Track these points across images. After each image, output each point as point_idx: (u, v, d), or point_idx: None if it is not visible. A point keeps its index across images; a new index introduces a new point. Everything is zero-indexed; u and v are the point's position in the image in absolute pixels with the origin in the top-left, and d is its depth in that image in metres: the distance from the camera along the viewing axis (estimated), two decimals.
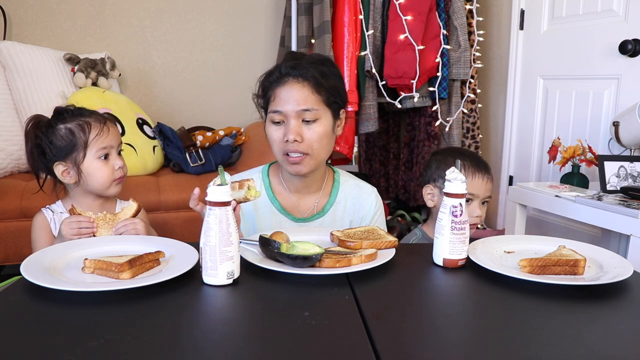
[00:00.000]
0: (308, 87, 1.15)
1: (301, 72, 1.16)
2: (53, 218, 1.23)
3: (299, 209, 1.27)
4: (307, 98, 1.15)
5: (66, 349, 0.61)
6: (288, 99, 1.15)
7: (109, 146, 1.21)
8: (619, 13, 2.04)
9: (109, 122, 1.24)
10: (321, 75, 1.17)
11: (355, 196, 1.31)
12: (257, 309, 0.77)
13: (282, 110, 1.15)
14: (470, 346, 0.66)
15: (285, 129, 1.16)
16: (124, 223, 1.12)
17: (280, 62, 1.22)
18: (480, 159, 1.39)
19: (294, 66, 1.17)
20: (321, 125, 1.17)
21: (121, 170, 1.23)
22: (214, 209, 0.81)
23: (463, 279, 0.90)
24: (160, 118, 2.74)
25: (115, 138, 1.23)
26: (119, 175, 1.23)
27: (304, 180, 1.25)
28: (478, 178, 1.33)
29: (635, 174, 1.77)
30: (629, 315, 0.78)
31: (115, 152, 1.23)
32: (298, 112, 1.15)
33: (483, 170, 1.35)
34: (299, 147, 1.15)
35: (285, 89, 1.16)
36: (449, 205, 0.93)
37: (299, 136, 1.14)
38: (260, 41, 3.00)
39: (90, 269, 0.85)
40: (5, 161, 2.12)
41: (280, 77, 1.17)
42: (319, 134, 1.16)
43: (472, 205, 1.32)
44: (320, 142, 1.17)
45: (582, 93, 2.23)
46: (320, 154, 1.19)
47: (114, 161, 1.22)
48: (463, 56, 2.35)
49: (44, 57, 2.26)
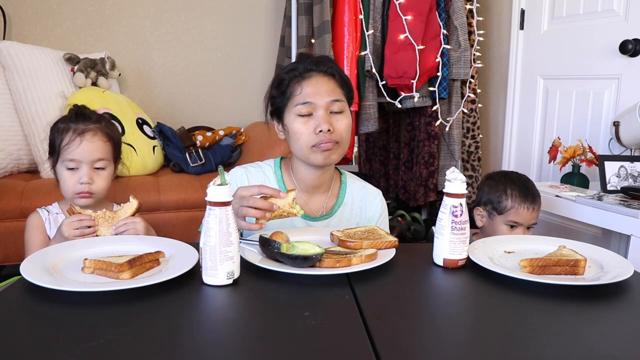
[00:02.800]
0: (334, 80, 1.20)
1: (325, 68, 1.20)
2: (48, 218, 1.23)
3: (309, 208, 1.27)
4: (334, 90, 1.19)
5: (66, 349, 0.61)
6: (317, 91, 1.17)
7: (77, 159, 1.18)
8: (619, 13, 2.04)
9: (90, 136, 1.18)
10: (341, 72, 1.23)
11: (362, 198, 1.31)
12: (257, 309, 0.77)
13: (312, 101, 1.16)
14: (470, 346, 0.66)
15: (314, 121, 1.16)
16: (124, 222, 1.12)
17: (295, 62, 1.23)
18: (529, 188, 1.46)
19: (317, 62, 1.20)
20: (347, 117, 1.20)
21: (87, 186, 1.18)
22: (214, 209, 0.81)
23: (463, 279, 0.90)
24: (160, 118, 2.74)
25: (90, 153, 1.18)
26: (80, 190, 1.19)
27: (316, 179, 1.25)
28: (524, 209, 1.42)
29: (636, 174, 1.77)
30: (629, 315, 0.78)
31: (88, 166, 1.19)
32: (328, 103, 1.17)
33: (530, 201, 1.43)
34: (332, 137, 1.16)
35: (312, 82, 1.18)
36: (449, 205, 0.92)
37: (330, 126, 1.16)
38: (260, 41, 3.00)
39: (90, 269, 0.85)
40: (5, 161, 2.12)
41: (304, 72, 1.19)
42: (346, 125, 1.19)
43: (516, 231, 1.43)
44: (347, 133, 1.20)
45: (583, 93, 2.23)
46: (347, 146, 1.22)
47: (80, 175, 1.18)
48: (463, 56, 2.35)
49: (44, 57, 2.26)
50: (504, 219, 1.45)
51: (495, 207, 1.46)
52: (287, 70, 1.21)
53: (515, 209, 1.43)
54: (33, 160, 2.21)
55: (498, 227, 1.46)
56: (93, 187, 1.19)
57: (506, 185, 1.46)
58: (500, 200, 1.45)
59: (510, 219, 1.44)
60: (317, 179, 1.25)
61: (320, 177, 1.25)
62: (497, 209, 1.46)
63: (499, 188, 1.47)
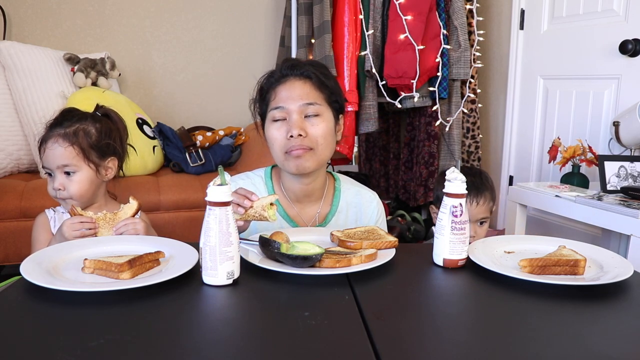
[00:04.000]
0: (310, 83, 1.15)
1: (301, 71, 1.16)
2: (54, 217, 1.25)
3: (301, 219, 1.23)
4: (309, 93, 1.14)
5: (66, 349, 0.61)
6: (290, 95, 1.14)
7: (46, 167, 1.19)
8: (619, 13, 2.04)
9: (51, 143, 1.17)
10: (322, 75, 1.17)
11: (357, 204, 1.27)
12: (257, 309, 0.77)
13: (284, 106, 1.13)
14: (470, 346, 0.66)
15: (287, 126, 1.13)
16: (124, 222, 1.12)
17: (276, 67, 1.21)
18: (475, 182, 1.40)
19: (292, 66, 1.16)
20: (324, 121, 1.15)
21: (59, 192, 1.18)
22: (214, 209, 0.81)
23: (463, 279, 0.90)
24: (160, 118, 2.74)
25: (53, 160, 1.17)
26: (56, 196, 1.19)
27: (305, 187, 1.20)
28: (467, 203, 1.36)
29: (636, 174, 1.77)
30: (629, 315, 0.78)
31: (58, 173, 1.18)
32: (301, 107, 1.13)
33: (473, 195, 1.38)
34: (304, 142, 1.12)
35: (286, 86, 1.15)
36: (449, 205, 0.92)
37: (302, 130, 1.11)
38: (260, 41, 3.00)
39: (90, 269, 0.85)
40: (5, 161, 2.12)
41: (280, 77, 1.16)
42: (322, 129, 1.14)
43: None
44: (324, 138, 1.14)
45: (582, 93, 2.23)
46: (324, 152, 1.16)
47: (54, 181, 1.19)
48: (463, 56, 2.35)
49: (44, 57, 2.26)
50: None
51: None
52: (266, 76, 1.20)
53: None
54: (33, 160, 2.21)
55: None
56: (66, 193, 1.19)
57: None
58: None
59: None
60: (306, 188, 1.20)
61: (308, 185, 1.20)
62: None
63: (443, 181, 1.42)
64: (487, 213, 1.44)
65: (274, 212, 0.98)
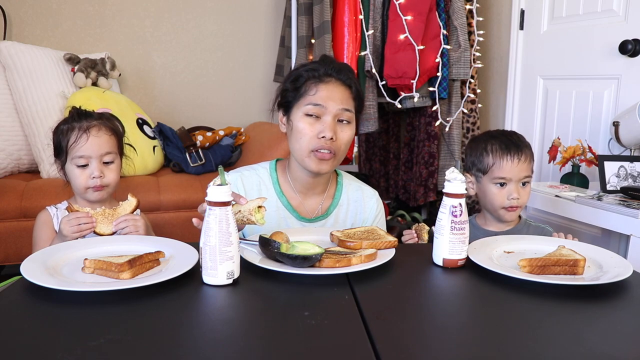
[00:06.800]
0: (349, 91, 1.21)
1: (345, 77, 1.21)
2: (56, 214, 1.25)
3: (304, 209, 1.27)
4: (348, 99, 1.20)
5: (66, 349, 0.61)
6: (331, 96, 1.17)
7: (86, 156, 1.21)
8: (619, 13, 2.04)
9: (96, 131, 1.22)
10: (358, 87, 1.24)
11: (358, 199, 1.31)
12: (257, 309, 0.77)
13: (324, 104, 1.16)
14: (470, 346, 0.66)
15: (320, 125, 1.16)
16: (125, 218, 1.13)
17: (317, 62, 1.23)
18: (512, 139, 1.33)
19: (338, 70, 1.20)
20: (351, 129, 1.21)
21: (99, 180, 1.21)
22: (214, 209, 0.81)
23: (463, 279, 0.90)
24: (160, 118, 2.74)
25: (98, 147, 1.22)
26: (93, 185, 1.22)
27: (312, 181, 1.25)
28: (507, 161, 1.29)
29: (636, 174, 1.77)
30: (629, 315, 0.78)
31: (97, 161, 1.22)
32: (338, 111, 1.17)
33: (513, 152, 1.29)
34: (332, 146, 1.16)
35: (329, 86, 1.18)
36: (448, 205, 0.93)
37: (335, 134, 1.16)
38: (260, 41, 3.00)
39: (90, 269, 0.85)
40: (5, 161, 2.12)
41: (323, 75, 1.19)
42: (349, 137, 1.20)
43: (507, 189, 1.29)
44: (347, 145, 1.21)
45: (582, 93, 2.23)
46: (342, 157, 1.22)
47: (90, 170, 1.21)
48: (463, 56, 2.35)
49: (44, 57, 2.26)
50: (490, 177, 1.32)
51: (479, 168, 1.34)
52: (307, 69, 1.21)
53: (497, 163, 1.29)
54: (33, 160, 2.21)
55: (487, 189, 1.33)
56: (105, 180, 1.23)
57: (486, 142, 1.34)
58: (481, 159, 1.33)
59: (495, 176, 1.30)
60: (313, 181, 1.25)
61: (315, 179, 1.25)
62: (481, 170, 1.33)
63: (479, 147, 1.35)
64: (530, 172, 1.34)
65: (262, 215, 0.95)
